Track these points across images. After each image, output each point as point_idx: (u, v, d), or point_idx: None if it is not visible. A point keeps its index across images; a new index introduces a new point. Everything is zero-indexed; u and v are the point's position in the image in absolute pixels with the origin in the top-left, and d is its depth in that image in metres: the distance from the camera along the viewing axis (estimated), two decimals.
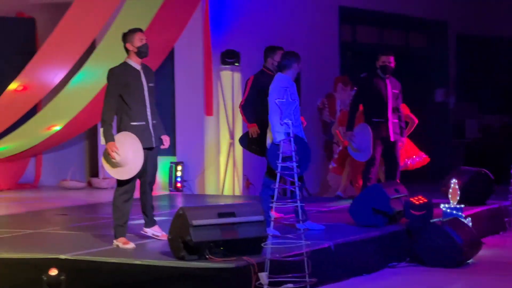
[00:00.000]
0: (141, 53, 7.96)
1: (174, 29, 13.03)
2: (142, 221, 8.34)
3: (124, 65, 7.97)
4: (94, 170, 14.63)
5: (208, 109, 13.23)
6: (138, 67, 7.97)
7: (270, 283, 6.83)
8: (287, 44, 13.89)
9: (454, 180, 9.66)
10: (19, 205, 11.93)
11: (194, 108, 13.36)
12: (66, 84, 13.11)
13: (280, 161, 7.27)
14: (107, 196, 12.69)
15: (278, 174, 7.22)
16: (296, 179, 7.17)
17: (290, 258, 7.04)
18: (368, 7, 15.75)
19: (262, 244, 7.14)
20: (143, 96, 7.91)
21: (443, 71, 17.45)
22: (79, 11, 12.30)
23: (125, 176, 7.84)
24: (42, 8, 14.38)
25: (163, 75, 13.44)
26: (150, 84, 8.00)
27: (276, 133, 8.39)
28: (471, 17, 17.69)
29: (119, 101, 7.86)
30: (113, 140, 7.75)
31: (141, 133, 7.86)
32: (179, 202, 12.17)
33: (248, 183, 13.37)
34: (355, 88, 12.18)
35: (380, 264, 8.46)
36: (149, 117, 7.94)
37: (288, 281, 6.91)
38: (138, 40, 7.94)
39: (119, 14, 12.64)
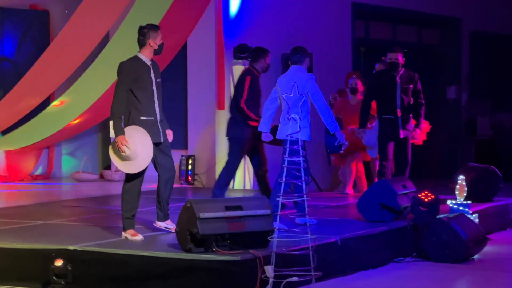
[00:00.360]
0: (160, 50, 8.03)
1: (186, 26, 13.09)
2: (151, 212, 8.41)
3: (135, 59, 8.02)
4: (106, 163, 14.73)
5: (220, 103, 13.30)
6: (148, 62, 8.04)
7: (275, 276, 6.89)
8: (300, 39, 13.96)
9: (461, 177, 9.70)
10: (31, 196, 12.04)
11: (206, 102, 13.43)
12: (79, 76, 13.21)
13: (287, 155, 7.35)
14: (119, 188, 12.74)
15: (285, 169, 7.29)
16: (302, 173, 7.24)
17: (296, 252, 7.10)
18: (381, 3, 15.76)
19: (269, 238, 7.21)
20: (152, 91, 7.98)
21: (456, 68, 17.44)
22: (92, 4, 12.38)
23: (133, 170, 7.90)
24: (56, 0, 14.49)
25: (176, 70, 13.53)
26: (158, 80, 8.07)
27: (333, 123, 8.73)
28: (484, 14, 17.66)
29: (129, 95, 7.93)
30: (123, 133, 7.81)
31: (149, 128, 7.93)
32: (189, 195, 12.25)
33: None
34: (354, 82, 12.16)
35: (386, 258, 8.52)
36: (157, 112, 8.00)
37: (294, 274, 6.97)
38: (159, 38, 8.02)
39: (132, 8, 12.71)
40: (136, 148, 7.82)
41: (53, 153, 14.46)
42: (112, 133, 7.85)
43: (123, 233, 7.97)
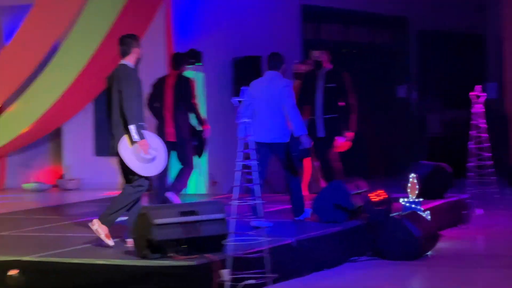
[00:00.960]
0: (140, 60, 8.11)
1: (137, 30, 13.06)
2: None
3: (129, 66, 8.01)
4: (59, 172, 14.64)
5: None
6: None
7: (232, 280, 6.93)
8: (250, 43, 14.05)
9: (413, 174, 9.83)
10: None
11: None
12: (30, 85, 13.13)
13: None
14: (73, 197, 12.75)
15: (240, 172, 7.34)
16: (256, 176, 7.32)
17: (252, 255, 7.16)
18: (331, 5, 15.90)
19: (224, 242, 7.25)
20: (141, 97, 8.05)
21: (405, 67, 17.66)
22: (41, 13, 12.32)
23: (153, 172, 7.93)
24: (6, 10, 14.37)
25: None
26: None
27: (299, 128, 9.09)
28: (430, 13, 17.91)
29: None
30: (144, 137, 7.81)
31: None
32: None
33: (213, 182, 13.46)
34: (296, 68, 12.20)
35: (341, 258, 8.60)
36: (144, 118, 8.06)
37: (250, 277, 7.02)
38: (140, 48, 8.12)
39: (81, 16, 12.67)
40: (156, 152, 7.88)
41: (4, 164, 14.33)
42: (136, 137, 7.74)
43: (96, 225, 7.82)
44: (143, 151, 7.77)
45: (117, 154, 7.89)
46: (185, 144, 10.48)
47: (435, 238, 9.11)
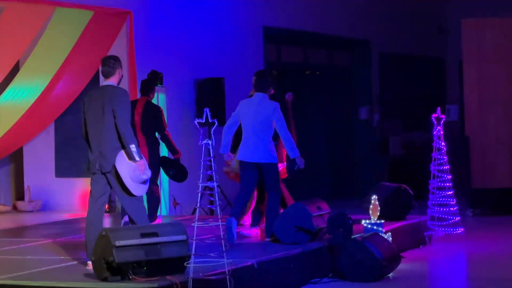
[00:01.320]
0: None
1: (99, 50, 13.03)
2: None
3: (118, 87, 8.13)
4: (19, 193, 14.50)
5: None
6: None
7: None
8: (213, 64, 14.06)
9: (374, 196, 9.88)
10: None
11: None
12: None
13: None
14: (33, 219, 12.61)
15: (199, 194, 7.34)
16: (216, 197, 7.36)
17: (213, 277, 7.14)
18: (292, 27, 15.99)
19: (185, 263, 7.23)
20: None
21: (367, 89, 17.78)
22: (2, 32, 12.23)
23: (142, 192, 7.97)
24: None
25: None
26: None
27: (294, 150, 9.30)
28: (392, 36, 18.09)
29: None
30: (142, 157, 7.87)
31: None
32: (106, 223, 12.12)
33: (175, 203, 13.42)
34: None
35: (303, 280, 8.61)
36: None
37: None
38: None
39: (44, 34, 12.59)
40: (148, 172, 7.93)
41: None
42: (137, 158, 7.76)
43: None
44: (140, 171, 7.77)
45: (102, 172, 7.87)
46: (156, 165, 10.57)
47: (397, 259, 9.15)
